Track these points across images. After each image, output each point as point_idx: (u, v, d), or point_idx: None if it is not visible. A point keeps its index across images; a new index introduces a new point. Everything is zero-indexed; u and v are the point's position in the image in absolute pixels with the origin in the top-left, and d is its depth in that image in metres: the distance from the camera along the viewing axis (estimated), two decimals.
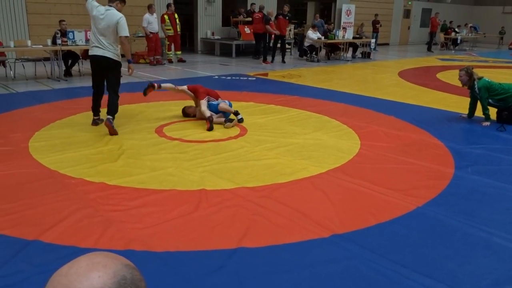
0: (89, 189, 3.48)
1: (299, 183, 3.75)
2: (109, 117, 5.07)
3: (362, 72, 11.61)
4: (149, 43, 11.42)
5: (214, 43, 14.78)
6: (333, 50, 14.35)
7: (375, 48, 16.67)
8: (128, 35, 5.27)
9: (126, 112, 6.11)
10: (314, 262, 2.54)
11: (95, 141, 4.76)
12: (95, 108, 5.49)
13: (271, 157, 4.40)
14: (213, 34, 14.89)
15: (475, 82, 5.88)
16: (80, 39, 8.89)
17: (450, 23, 19.73)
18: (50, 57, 8.94)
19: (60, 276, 0.64)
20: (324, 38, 13.70)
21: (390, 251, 2.68)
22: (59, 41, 8.69)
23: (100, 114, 5.50)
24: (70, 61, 9.32)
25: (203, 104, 5.65)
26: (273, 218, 3.06)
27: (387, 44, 21.77)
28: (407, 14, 23.08)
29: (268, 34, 12.56)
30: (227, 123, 5.47)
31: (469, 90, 6.05)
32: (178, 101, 6.47)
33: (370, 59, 14.67)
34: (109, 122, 5.04)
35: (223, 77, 9.78)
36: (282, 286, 2.34)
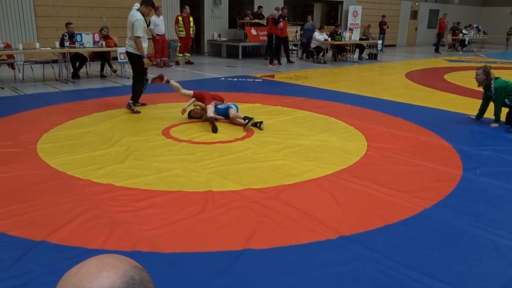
0: (97, 191, 3.50)
1: (306, 185, 3.74)
2: (129, 102, 6.23)
3: (369, 74, 11.57)
4: (156, 45, 11.46)
5: (221, 45, 14.81)
6: (340, 52, 14.32)
7: (382, 50, 16.62)
8: (140, 35, 6.04)
9: (133, 114, 6.14)
10: (321, 264, 2.53)
11: (103, 143, 4.79)
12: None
13: (278, 159, 4.40)
14: (220, 36, 14.93)
15: (492, 82, 5.77)
16: (88, 42, 8.95)
17: (458, 24, 19.62)
18: (58, 60, 9.01)
19: (71, 276, 0.65)
20: (331, 40, 13.69)
21: (397, 253, 2.66)
22: (67, 44, 8.76)
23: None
24: (78, 63, 9.38)
25: (210, 109, 5.66)
26: (280, 220, 3.06)
27: (394, 46, 21.69)
28: (414, 15, 22.99)
29: (275, 36, 12.55)
30: (248, 124, 5.43)
31: (484, 91, 5.95)
32: (185, 103, 6.48)
33: (377, 61, 14.63)
34: (128, 106, 6.20)
35: (230, 79, 9.79)
36: None
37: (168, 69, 11.28)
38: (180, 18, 11.81)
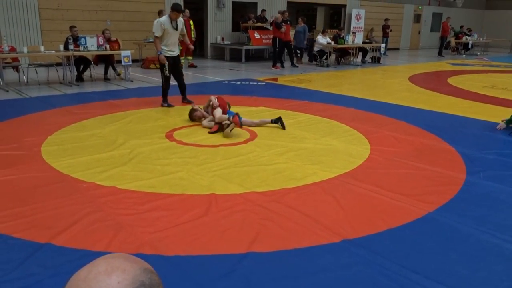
0: (101, 193, 3.52)
1: (309, 188, 3.74)
2: (184, 99, 7.37)
3: (372, 77, 11.57)
4: None
5: (224, 48, 14.84)
6: (343, 55, 14.32)
7: (385, 53, 16.61)
8: (156, 34, 6.73)
9: (137, 117, 6.16)
10: (325, 268, 2.53)
11: (106, 146, 4.80)
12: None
13: (281, 162, 4.40)
14: (223, 40, 14.96)
15: None
16: (92, 45, 8.98)
17: (461, 28, 19.59)
18: (63, 63, 9.05)
19: (79, 281, 0.64)
20: (334, 43, 13.70)
21: (401, 257, 2.66)
22: (71, 47, 8.80)
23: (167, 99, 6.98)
24: (82, 66, 9.43)
25: (218, 112, 5.64)
26: (283, 223, 3.06)
27: (397, 49, 21.67)
28: (418, 19, 22.97)
29: (278, 39, 12.57)
30: (227, 129, 5.26)
31: None
32: (188, 106, 6.49)
33: (380, 64, 14.62)
34: (186, 102, 7.25)
35: (233, 82, 9.81)
36: None
37: None
38: None
